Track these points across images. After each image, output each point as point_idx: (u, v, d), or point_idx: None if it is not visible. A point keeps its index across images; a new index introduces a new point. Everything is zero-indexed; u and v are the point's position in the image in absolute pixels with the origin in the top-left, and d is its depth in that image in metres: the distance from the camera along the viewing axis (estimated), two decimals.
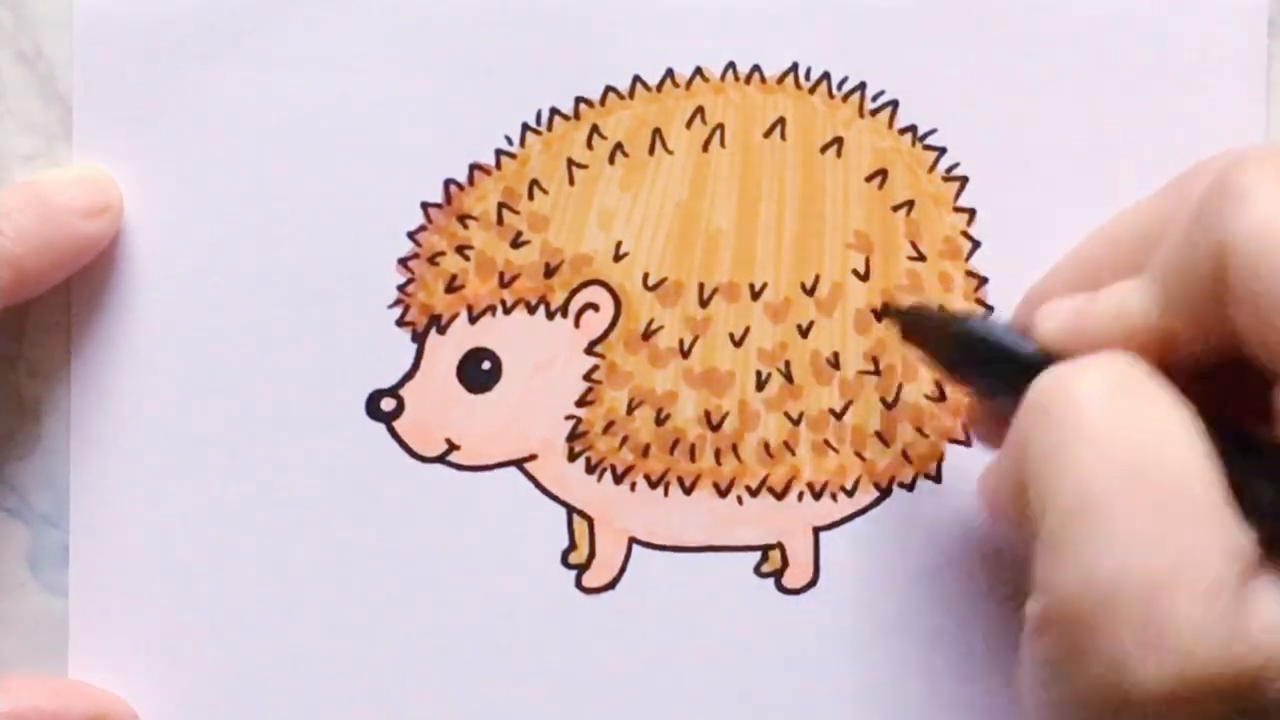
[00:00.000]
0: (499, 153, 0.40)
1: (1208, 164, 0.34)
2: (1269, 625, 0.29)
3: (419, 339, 0.40)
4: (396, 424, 0.40)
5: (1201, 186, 0.32)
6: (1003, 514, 0.35)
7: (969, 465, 0.40)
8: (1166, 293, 0.32)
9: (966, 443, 0.40)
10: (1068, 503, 0.30)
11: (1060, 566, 0.30)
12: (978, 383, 0.37)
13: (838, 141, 0.40)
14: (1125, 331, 0.33)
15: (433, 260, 0.40)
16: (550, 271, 0.40)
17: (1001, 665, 0.40)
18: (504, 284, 0.40)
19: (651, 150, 0.40)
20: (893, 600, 0.40)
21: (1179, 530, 0.29)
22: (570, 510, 0.41)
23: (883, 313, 0.40)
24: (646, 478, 0.40)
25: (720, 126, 0.40)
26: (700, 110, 0.40)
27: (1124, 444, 0.30)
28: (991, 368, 0.35)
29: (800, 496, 0.40)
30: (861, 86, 0.40)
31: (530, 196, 0.40)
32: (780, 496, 0.40)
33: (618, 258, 0.40)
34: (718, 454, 0.40)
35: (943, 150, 0.40)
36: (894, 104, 0.40)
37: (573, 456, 0.40)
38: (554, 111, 0.40)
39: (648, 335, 0.40)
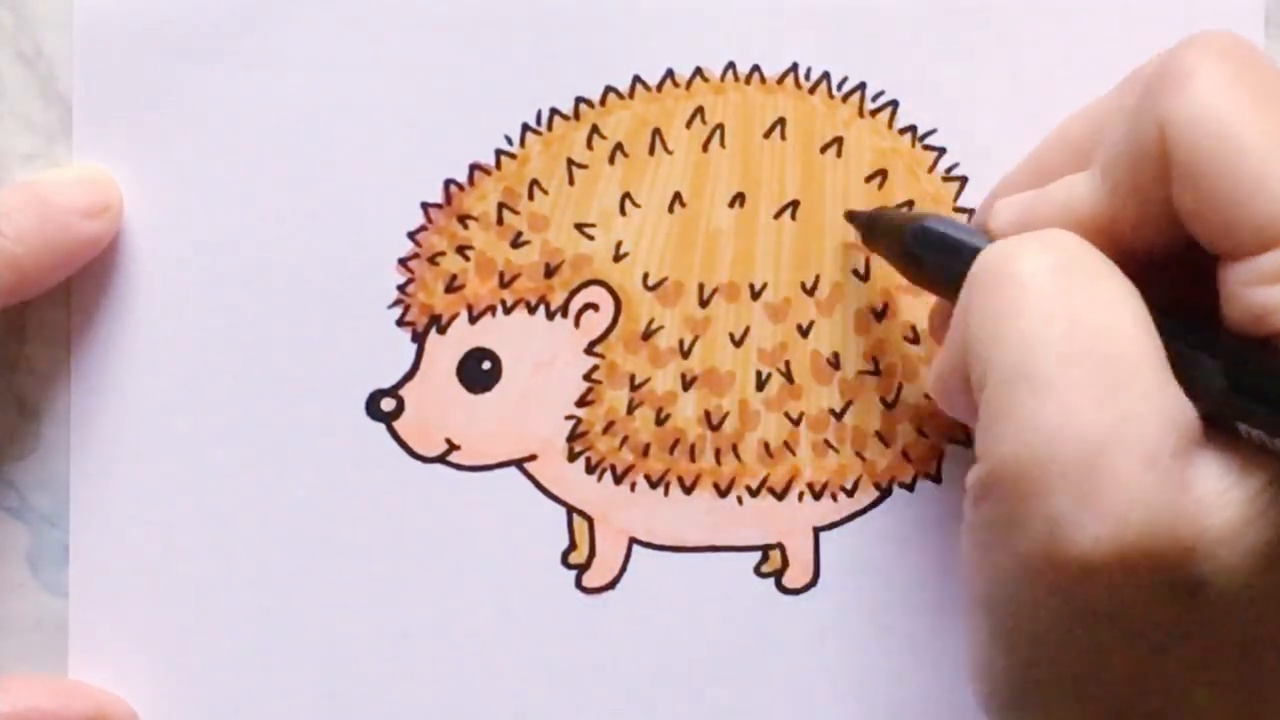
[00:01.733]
0: (499, 153, 0.40)
1: (1157, 55, 0.34)
2: (1206, 498, 0.29)
3: (419, 339, 0.40)
4: (396, 424, 0.40)
5: (1147, 72, 0.32)
6: (950, 400, 0.35)
7: (969, 465, 0.40)
8: (1111, 178, 0.32)
9: (966, 443, 0.40)
10: (1008, 370, 0.30)
11: (999, 432, 0.30)
12: (936, 280, 0.36)
13: (838, 141, 0.40)
14: (1073, 220, 0.33)
15: (433, 260, 0.40)
16: (550, 271, 0.40)
17: None
18: (504, 284, 0.40)
19: (651, 150, 0.40)
20: (893, 600, 0.40)
21: (1119, 396, 0.29)
22: (570, 510, 0.41)
23: (847, 217, 0.40)
24: (646, 478, 0.40)
25: (720, 126, 0.40)
26: (700, 110, 0.40)
27: (1066, 313, 0.30)
28: (948, 264, 0.35)
29: (800, 496, 0.40)
30: (861, 86, 0.40)
31: (530, 196, 0.40)
32: (780, 496, 0.40)
33: (618, 258, 0.40)
34: (718, 454, 0.40)
35: (943, 150, 0.40)
36: (894, 104, 0.40)
37: (573, 456, 0.40)
38: (554, 111, 0.40)
39: (648, 335, 0.40)
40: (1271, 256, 0.29)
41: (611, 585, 0.41)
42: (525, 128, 0.40)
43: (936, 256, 0.36)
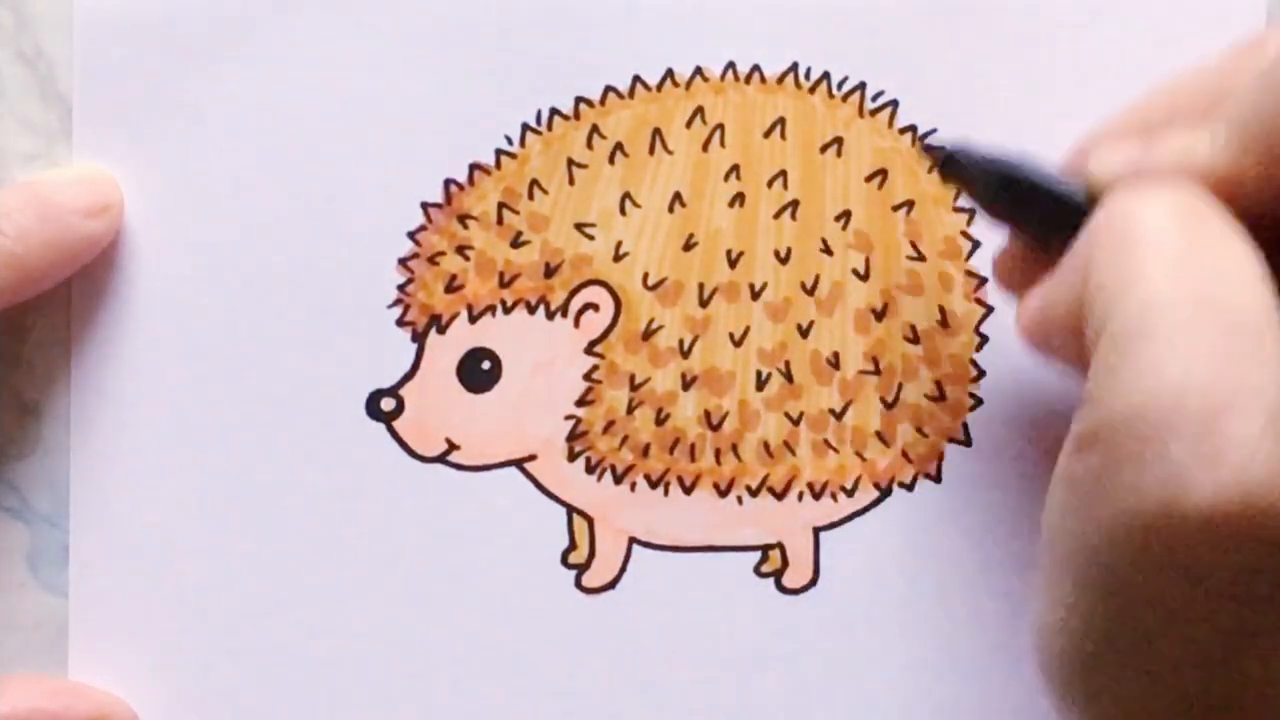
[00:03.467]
0: (499, 153, 0.40)
1: None
2: None
3: (419, 339, 0.40)
4: (396, 424, 0.40)
5: (1278, 43, 0.32)
6: (1046, 340, 0.34)
7: (969, 465, 0.40)
8: (1240, 135, 0.32)
9: (966, 443, 0.40)
10: (1132, 320, 0.29)
11: (1116, 382, 0.29)
12: (1018, 221, 0.36)
13: (838, 141, 0.40)
14: (1189, 174, 0.32)
15: (433, 260, 0.40)
16: (550, 271, 0.40)
17: (1002, 665, 0.40)
18: (504, 284, 0.40)
19: (651, 150, 0.40)
20: (893, 600, 0.40)
21: (1242, 356, 0.29)
22: (570, 510, 0.41)
23: (923, 150, 0.40)
24: (646, 478, 0.40)
25: (720, 126, 0.40)
26: (700, 110, 0.40)
27: (1193, 268, 0.30)
28: (1033, 207, 0.35)
29: (800, 496, 0.40)
30: (861, 86, 0.40)
31: (530, 196, 0.40)
32: (780, 496, 0.40)
33: (618, 258, 0.40)
34: (718, 454, 0.40)
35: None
36: (894, 104, 0.40)
37: (573, 456, 0.40)
38: (554, 111, 0.40)
39: (648, 335, 0.40)
40: None
41: (611, 585, 0.41)
42: (525, 128, 0.40)
43: (1024, 202, 0.35)
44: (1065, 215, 0.34)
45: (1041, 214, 0.34)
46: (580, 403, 0.40)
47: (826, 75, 0.40)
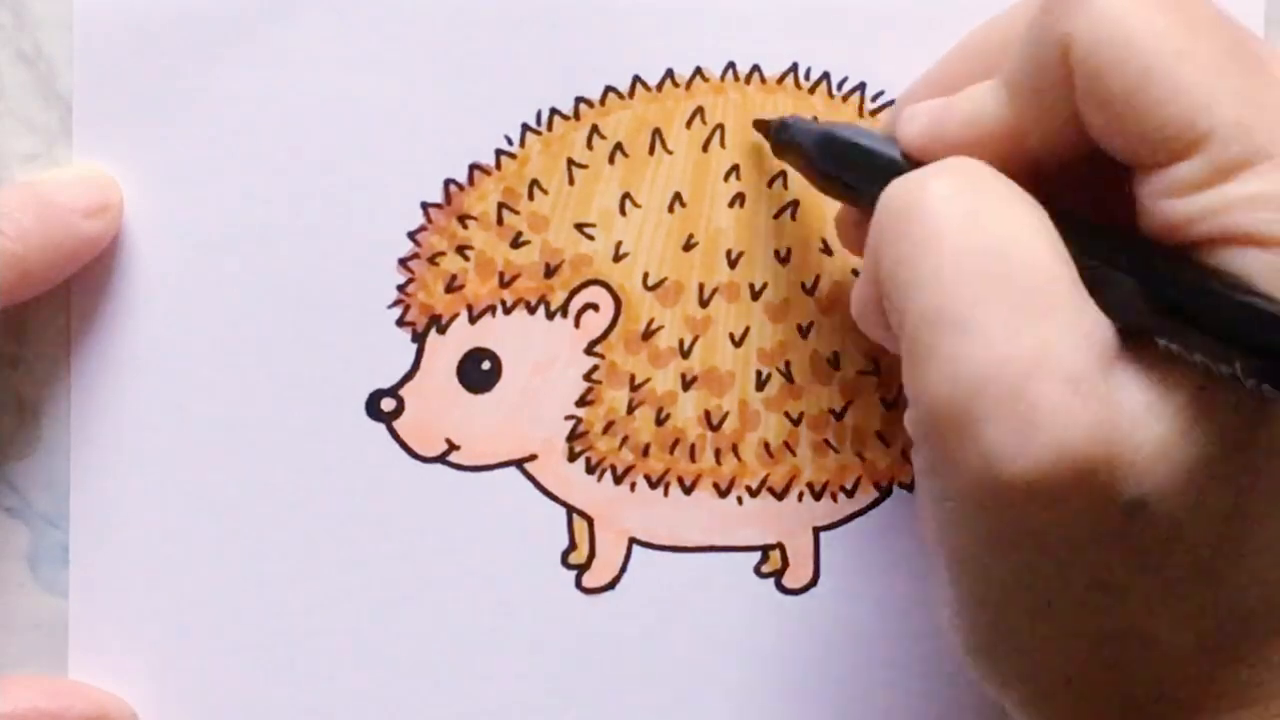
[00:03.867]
0: (499, 153, 0.40)
1: None
2: (1136, 415, 0.29)
3: (419, 339, 0.40)
4: (396, 424, 0.40)
5: None
6: (871, 329, 0.35)
7: None
8: (1016, 93, 0.32)
9: None
10: (927, 310, 0.30)
11: (925, 372, 0.30)
12: (845, 187, 0.36)
13: None
14: (980, 133, 0.33)
15: (433, 260, 0.40)
16: (550, 271, 0.40)
17: None
18: (504, 284, 0.40)
19: (651, 150, 0.40)
20: (893, 600, 0.40)
21: (1037, 323, 0.29)
22: (570, 510, 0.41)
23: (756, 126, 0.40)
24: (646, 478, 0.40)
25: (720, 126, 0.40)
26: (700, 110, 0.40)
27: (976, 246, 0.30)
28: (858, 172, 0.35)
29: (800, 496, 0.40)
30: (861, 86, 0.40)
31: (530, 196, 0.40)
32: (780, 496, 0.40)
33: (618, 258, 0.40)
34: (718, 454, 0.40)
35: None
36: (894, 104, 0.40)
37: (573, 456, 0.40)
38: (554, 111, 0.40)
39: (648, 335, 0.40)
40: (1185, 166, 0.29)
41: (611, 585, 0.41)
42: (525, 128, 0.40)
43: (845, 165, 0.36)
44: (889, 178, 0.33)
45: (867, 177, 0.34)
46: (580, 403, 0.40)
47: (826, 75, 0.40)
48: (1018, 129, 0.32)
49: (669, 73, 0.40)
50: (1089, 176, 0.32)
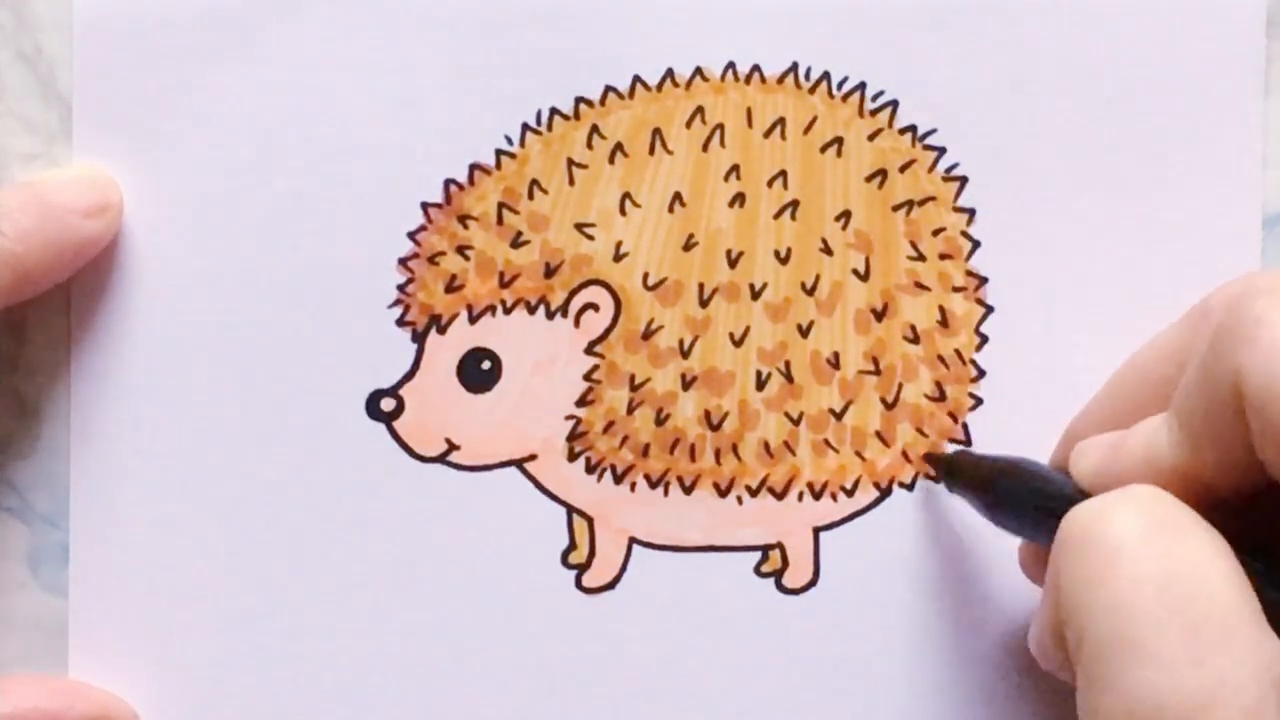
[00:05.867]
0: (499, 153, 0.40)
1: (1223, 291, 0.34)
2: None
3: (419, 339, 0.40)
4: (396, 424, 0.40)
5: (1217, 317, 0.32)
6: (1046, 656, 0.35)
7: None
8: (1188, 430, 0.32)
9: (967, 443, 0.40)
10: (1105, 637, 0.30)
11: (1101, 698, 0.30)
12: (1019, 524, 0.36)
13: (838, 141, 0.40)
14: (1155, 470, 0.33)
15: (433, 260, 0.40)
16: (550, 271, 0.40)
17: (1001, 665, 0.40)
18: (504, 284, 0.40)
19: (651, 150, 0.40)
20: (893, 600, 0.40)
21: (1214, 654, 0.29)
22: (570, 510, 0.41)
23: (927, 459, 0.40)
24: (646, 478, 0.40)
25: (720, 126, 0.40)
26: (700, 110, 0.40)
27: (1154, 574, 0.30)
28: (1032, 509, 0.35)
29: (800, 496, 0.40)
30: (861, 86, 0.40)
31: (530, 196, 0.40)
32: (780, 496, 0.40)
33: (618, 258, 0.40)
34: (718, 454, 0.40)
35: (943, 150, 0.40)
36: (894, 104, 0.40)
37: (573, 456, 0.40)
38: (554, 111, 0.40)
39: (648, 335, 0.40)
40: None
41: (611, 585, 0.41)
42: (525, 128, 0.40)
43: (1023, 504, 0.36)
44: (1063, 511, 0.33)
45: (1041, 515, 0.35)
46: (580, 403, 0.40)
47: (826, 75, 0.40)
48: (1194, 464, 0.32)
49: (669, 73, 0.40)
50: (1270, 506, 0.32)
